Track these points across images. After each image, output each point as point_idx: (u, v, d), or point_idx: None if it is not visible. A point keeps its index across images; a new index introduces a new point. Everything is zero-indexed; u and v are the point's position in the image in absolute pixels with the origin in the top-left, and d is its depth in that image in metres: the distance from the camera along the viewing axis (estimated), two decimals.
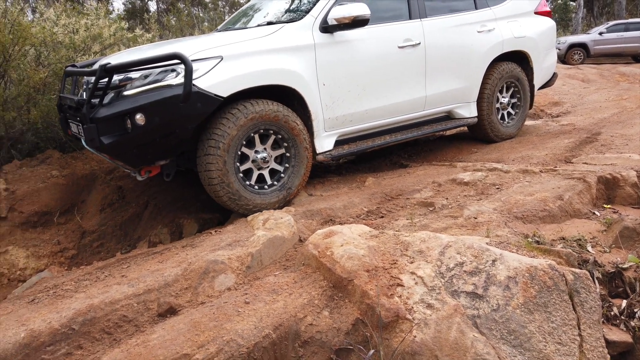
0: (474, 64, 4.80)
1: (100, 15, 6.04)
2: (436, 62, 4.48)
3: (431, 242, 2.46)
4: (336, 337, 2.16)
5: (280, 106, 3.50)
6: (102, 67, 3.07)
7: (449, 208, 3.34)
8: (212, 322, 2.19)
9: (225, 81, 3.24)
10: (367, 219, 3.41)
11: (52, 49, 5.12)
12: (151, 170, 3.43)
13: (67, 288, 2.67)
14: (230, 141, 3.29)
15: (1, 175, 4.29)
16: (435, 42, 4.45)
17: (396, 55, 4.20)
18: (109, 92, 3.20)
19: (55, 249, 3.94)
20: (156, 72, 3.18)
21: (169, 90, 3.09)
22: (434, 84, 4.52)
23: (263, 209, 3.46)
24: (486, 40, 4.86)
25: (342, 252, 2.46)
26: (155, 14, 13.92)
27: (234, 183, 3.34)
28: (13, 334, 2.19)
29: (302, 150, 3.64)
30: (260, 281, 2.59)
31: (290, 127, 3.54)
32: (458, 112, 4.87)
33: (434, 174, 4.18)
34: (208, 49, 3.28)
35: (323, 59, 3.74)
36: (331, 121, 3.91)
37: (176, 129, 3.16)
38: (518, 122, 5.41)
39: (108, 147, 3.13)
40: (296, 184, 3.65)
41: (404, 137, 4.42)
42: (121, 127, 3.12)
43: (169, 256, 2.91)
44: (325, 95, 3.79)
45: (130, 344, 2.16)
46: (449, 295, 2.16)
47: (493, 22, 4.96)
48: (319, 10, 3.81)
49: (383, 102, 4.18)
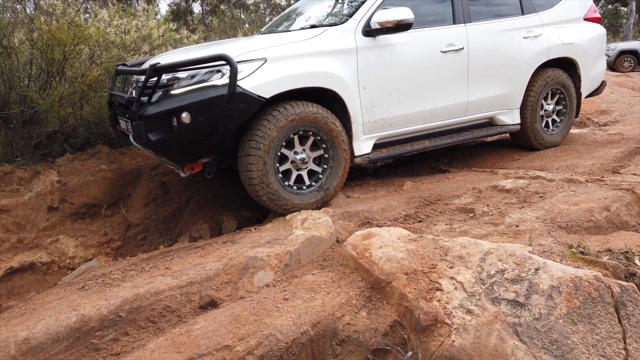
0: (519, 70, 4.71)
1: (150, 16, 6.27)
2: (479, 68, 4.43)
3: (472, 248, 2.44)
4: (373, 338, 2.17)
5: (320, 108, 3.54)
6: (152, 67, 3.19)
7: (489, 215, 3.30)
8: (252, 316, 2.25)
9: (268, 83, 3.30)
10: (405, 222, 3.40)
11: (105, 48, 5.35)
12: (194, 167, 3.53)
13: (114, 277, 2.79)
14: (271, 142, 3.35)
15: (54, 168, 4.51)
16: (479, 47, 4.40)
17: (438, 60, 4.17)
18: (157, 91, 3.32)
19: (102, 239, 4.12)
20: (202, 72, 3.28)
21: (214, 90, 3.19)
22: (477, 89, 4.46)
23: (301, 209, 3.51)
24: (532, 47, 4.76)
25: (380, 254, 2.47)
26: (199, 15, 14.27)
27: (273, 183, 3.40)
28: (65, 317, 2.31)
29: (341, 151, 3.67)
30: (298, 279, 2.64)
31: (329, 129, 3.58)
32: (500, 119, 4.79)
33: (474, 180, 4.13)
34: (253, 50, 3.36)
35: (364, 63, 3.77)
36: (370, 124, 3.91)
37: (219, 128, 3.25)
38: (563, 130, 5.27)
39: (154, 143, 3.25)
40: (334, 185, 3.69)
41: (443, 142, 4.38)
42: (168, 124, 3.24)
43: (210, 251, 3.00)
44: (365, 99, 3.81)
45: (174, 333, 2.24)
46: (490, 302, 2.14)
47: (540, 27, 4.86)
48: (362, 14, 3.83)
49: (423, 106, 4.16)
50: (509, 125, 4.81)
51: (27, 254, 3.79)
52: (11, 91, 4.66)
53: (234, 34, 10.88)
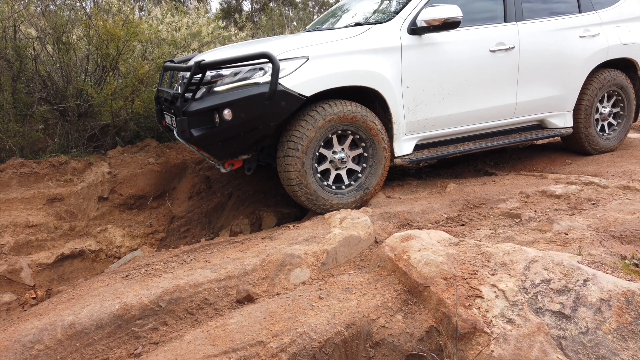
0: (573, 71, 4.49)
1: (201, 14, 6.42)
2: (530, 68, 4.25)
3: (516, 255, 2.35)
4: (408, 342, 2.12)
5: (358, 106, 3.50)
6: (197, 64, 3.23)
7: (536, 221, 3.16)
8: (287, 314, 2.25)
9: (310, 81, 3.30)
10: (446, 225, 3.31)
11: (157, 45, 5.53)
12: (234, 163, 3.58)
13: (156, 268, 2.87)
14: (309, 143, 3.35)
15: (106, 160, 4.70)
16: (530, 46, 4.22)
17: (486, 59, 4.04)
18: (202, 88, 3.38)
19: (147, 230, 4.25)
20: (245, 70, 3.31)
21: (256, 88, 3.21)
22: (526, 91, 4.29)
23: (340, 208, 3.49)
24: (589, 47, 4.53)
25: (419, 257, 2.42)
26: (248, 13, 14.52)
27: (311, 184, 3.40)
28: (109, 305, 2.39)
29: (380, 150, 3.62)
30: (334, 278, 2.62)
31: (368, 127, 3.53)
32: (551, 122, 4.58)
33: (522, 184, 3.97)
34: (295, 48, 3.36)
35: (408, 61, 3.69)
36: (412, 125, 3.83)
37: (260, 125, 3.26)
38: (619, 134, 4.98)
39: (197, 139, 3.30)
40: (373, 185, 3.64)
41: (489, 144, 4.23)
42: (210, 120, 3.28)
43: (248, 246, 3.03)
44: (408, 98, 3.73)
45: (210, 325, 2.28)
46: (533, 313, 2.04)
47: (598, 26, 4.62)
48: (408, 11, 3.76)
49: (469, 107, 4.04)
50: (560, 129, 4.60)
51: (77, 242, 3.97)
52: (68, 85, 4.89)
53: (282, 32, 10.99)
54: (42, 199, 4.11)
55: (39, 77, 4.91)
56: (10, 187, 4.12)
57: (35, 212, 4.00)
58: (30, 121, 4.71)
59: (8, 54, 4.72)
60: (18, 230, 3.80)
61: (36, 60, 4.90)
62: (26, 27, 5.18)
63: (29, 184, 4.20)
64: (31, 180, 4.24)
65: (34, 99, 4.83)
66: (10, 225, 3.80)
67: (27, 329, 2.28)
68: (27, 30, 5.30)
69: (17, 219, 3.87)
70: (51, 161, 4.42)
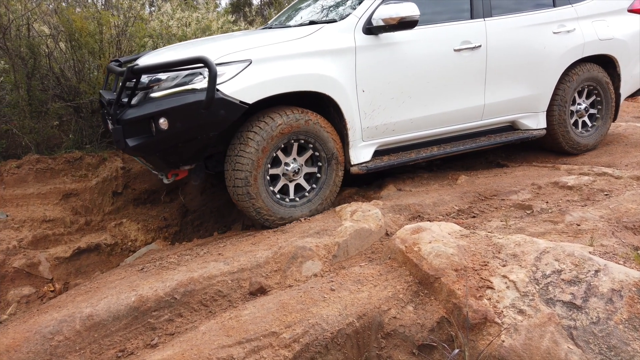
0: (546, 70, 4.23)
1: (210, 9, 6.45)
2: (499, 68, 4.00)
3: (527, 247, 2.35)
4: (419, 333, 2.15)
5: (306, 113, 3.28)
6: (129, 69, 3.01)
7: (548, 212, 3.15)
8: (299, 305, 2.28)
9: (252, 87, 3.05)
10: (457, 217, 3.32)
11: (167, 40, 5.57)
12: (178, 173, 3.34)
13: (171, 261, 2.93)
14: (258, 156, 3.14)
15: (119, 155, 4.77)
16: (499, 44, 3.97)
17: (450, 59, 3.79)
18: (138, 93, 3.13)
19: (161, 224, 4.32)
20: (183, 74, 3.05)
21: (192, 95, 2.96)
22: (495, 91, 4.04)
23: (291, 221, 3.32)
24: (563, 43, 4.26)
25: (430, 249, 2.43)
26: (257, 7, 14.50)
27: (263, 199, 3.22)
28: (125, 297, 2.45)
29: (333, 159, 3.42)
30: (345, 270, 2.65)
31: (318, 135, 3.33)
32: (523, 123, 4.33)
33: (534, 175, 3.95)
34: (236, 51, 3.11)
35: (364, 63, 3.45)
36: (370, 130, 3.59)
37: (198, 135, 3.04)
38: (599, 130, 4.69)
39: (133, 149, 3.07)
40: (326, 196, 3.46)
41: (454, 149, 3.97)
42: (146, 129, 3.04)
43: (261, 239, 3.07)
44: (364, 103, 3.49)
45: (224, 317, 2.32)
46: (543, 303, 2.05)
47: (574, 21, 4.34)
48: (363, 9, 3.50)
49: (432, 110, 3.80)
50: (532, 130, 4.36)
51: (93, 236, 4.04)
52: (81, 82, 4.95)
53: None
54: (58, 194, 4.19)
55: (52, 74, 4.98)
56: (27, 183, 4.21)
57: (51, 207, 4.08)
58: (45, 118, 4.79)
59: (22, 51, 4.79)
60: (35, 225, 3.89)
61: (50, 58, 4.97)
62: (39, 25, 5.25)
63: (45, 180, 4.28)
64: (47, 176, 4.32)
65: (48, 95, 4.91)
66: (28, 220, 3.88)
67: (46, 320, 2.35)
68: (40, 28, 5.37)
69: (34, 214, 3.95)
70: (66, 157, 4.50)
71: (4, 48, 4.70)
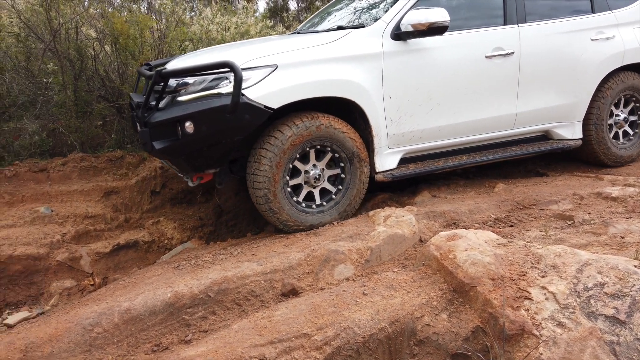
0: (583, 78, 4.08)
1: (249, 14, 6.56)
2: (533, 75, 3.88)
3: (568, 258, 2.28)
4: (453, 342, 2.11)
5: (331, 119, 3.25)
6: (158, 72, 3.05)
7: (590, 224, 3.04)
8: (331, 308, 2.28)
9: (277, 92, 3.05)
10: (494, 226, 3.25)
11: (207, 44, 5.70)
12: (203, 177, 3.35)
13: (205, 259, 2.98)
14: (279, 160, 3.13)
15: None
16: (533, 51, 3.85)
17: (482, 66, 3.70)
18: (165, 97, 3.16)
19: (196, 223, 4.40)
20: (209, 79, 3.07)
21: (218, 99, 2.98)
22: (528, 100, 3.92)
23: (312, 228, 3.31)
24: (602, 50, 4.11)
25: (465, 256, 2.39)
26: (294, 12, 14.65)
27: (282, 204, 3.21)
28: (161, 293, 2.51)
29: (358, 166, 3.37)
30: (378, 275, 2.63)
31: (341, 141, 3.29)
32: (558, 133, 4.17)
33: (576, 185, 3.83)
34: (263, 56, 3.12)
35: (391, 69, 3.39)
36: (396, 137, 3.53)
37: (223, 139, 3.05)
38: (639, 142, 4.49)
39: (159, 152, 3.10)
40: (348, 204, 3.42)
41: (484, 159, 3.85)
42: (173, 133, 3.06)
43: (293, 241, 3.08)
44: (390, 109, 3.43)
45: (256, 316, 2.34)
46: (585, 317, 1.98)
47: (614, 28, 4.19)
48: (392, 15, 3.45)
49: (461, 118, 3.71)
50: (567, 141, 4.18)
51: (132, 233, 4.16)
52: (124, 84, 5.13)
53: None
54: (100, 192, 4.34)
55: (97, 76, 5.17)
56: (72, 180, 4.38)
57: (93, 204, 4.23)
58: (90, 118, 4.98)
59: (71, 53, 5.00)
60: (78, 220, 4.04)
61: (95, 60, 5.17)
62: (87, 29, 5.47)
63: (89, 177, 4.45)
64: (90, 174, 4.49)
65: (93, 96, 5.10)
66: (71, 216, 4.04)
67: (87, 312, 2.43)
68: (88, 31, 5.60)
69: (77, 210, 4.10)
70: (108, 156, 4.66)
71: (54, 50, 4.92)
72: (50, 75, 4.91)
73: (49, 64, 4.90)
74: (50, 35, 4.91)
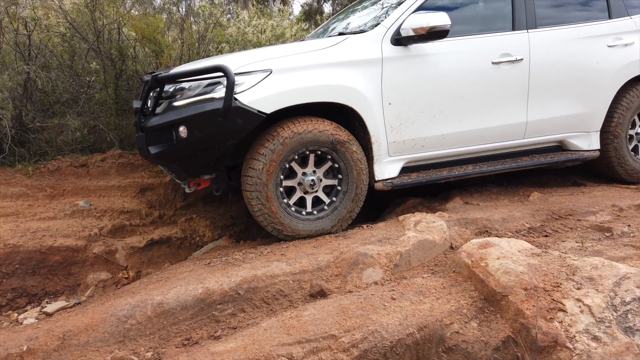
0: (599, 86, 3.91)
1: (285, 17, 6.63)
2: (544, 83, 3.74)
3: (605, 270, 2.21)
4: (483, 351, 2.08)
5: (327, 124, 3.18)
6: (153, 77, 3.07)
7: (630, 236, 2.95)
8: (359, 311, 2.28)
9: (270, 96, 3.03)
10: (528, 235, 3.18)
11: (243, 46, 5.79)
12: (200, 183, 3.35)
13: (236, 257, 3.03)
14: (271, 165, 3.10)
15: None
16: (544, 58, 3.71)
17: (488, 73, 3.59)
18: (162, 102, 3.19)
19: (228, 222, 4.47)
20: (204, 84, 3.09)
21: (210, 103, 2.98)
22: (540, 108, 3.77)
23: (306, 237, 3.27)
24: (619, 57, 3.94)
25: (497, 265, 2.35)
26: (328, 15, 14.72)
27: (276, 209, 3.18)
28: (192, 289, 2.56)
29: (355, 173, 3.29)
30: (407, 280, 2.61)
31: (338, 148, 3.22)
32: (573, 143, 3.99)
33: (615, 196, 3.71)
34: (257, 61, 3.11)
35: (391, 75, 3.32)
36: (397, 145, 3.44)
37: (216, 144, 3.04)
38: None
39: (154, 157, 3.11)
40: (345, 213, 3.34)
41: (491, 169, 3.71)
42: (168, 137, 3.07)
43: (322, 243, 3.10)
44: (390, 116, 3.35)
45: (285, 315, 2.37)
46: (621, 331, 1.92)
47: (633, 34, 4.01)
48: (393, 20, 3.40)
49: (466, 126, 3.59)
50: (583, 152, 3.99)
51: (165, 229, 4.27)
52: None
53: None
54: (136, 188, 4.47)
55: (137, 76, 5.33)
56: (110, 176, 4.53)
57: (130, 200, 4.36)
58: (129, 116, 5.13)
59: (112, 53, 5.17)
60: (115, 215, 4.17)
61: (135, 60, 5.33)
62: (128, 29, 5.65)
63: (126, 174, 4.59)
64: (127, 170, 4.63)
65: (132, 95, 5.26)
66: (108, 210, 4.17)
67: (121, 304, 2.51)
68: (129, 32, 5.78)
69: (114, 205, 4.24)
70: None
71: (97, 50, 5.10)
72: (93, 74, 5.09)
73: (92, 63, 5.09)
74: (93, 35, 5.10)
